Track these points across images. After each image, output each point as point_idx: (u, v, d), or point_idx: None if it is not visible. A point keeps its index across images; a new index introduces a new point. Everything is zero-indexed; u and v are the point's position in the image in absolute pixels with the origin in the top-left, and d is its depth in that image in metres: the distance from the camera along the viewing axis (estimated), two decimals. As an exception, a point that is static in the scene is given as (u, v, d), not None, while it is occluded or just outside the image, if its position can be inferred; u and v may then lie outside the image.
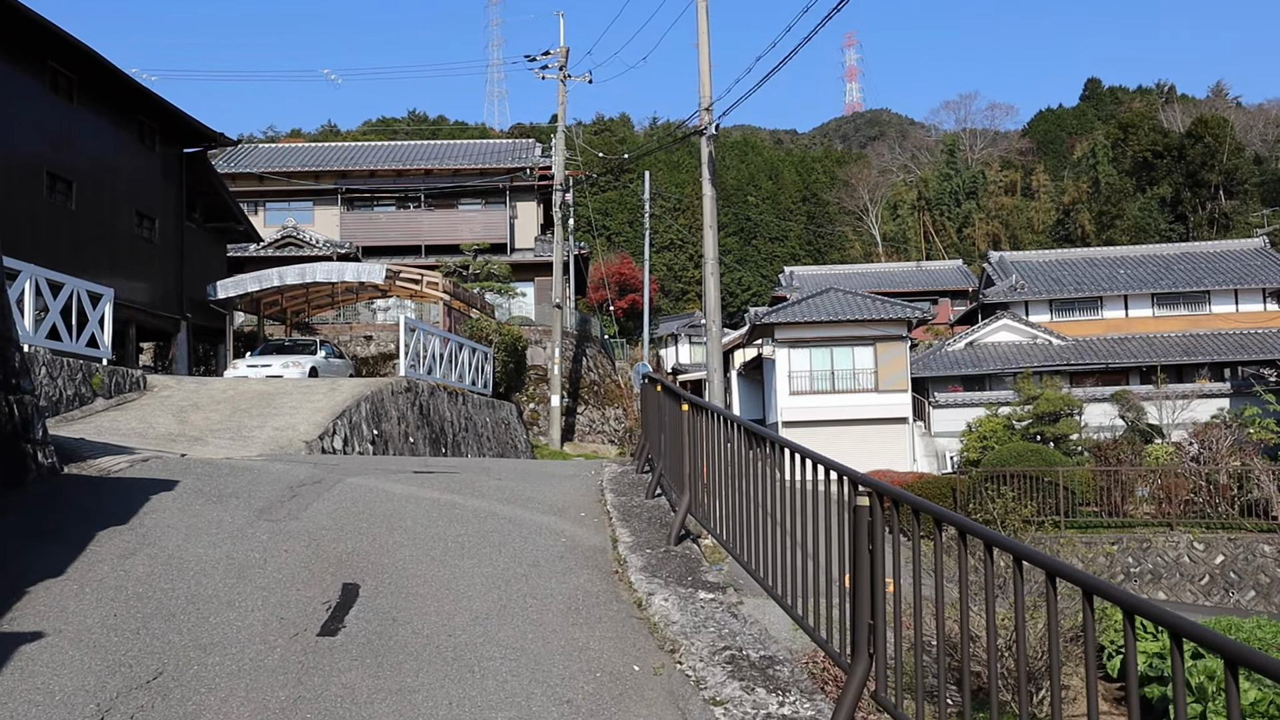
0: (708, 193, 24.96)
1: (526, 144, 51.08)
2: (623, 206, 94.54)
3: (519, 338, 29.97)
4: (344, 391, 17.81)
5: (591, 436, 39.89)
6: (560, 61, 37.37)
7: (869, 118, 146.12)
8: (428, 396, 20.74)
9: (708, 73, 24.90)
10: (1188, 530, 21.52)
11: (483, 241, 42.65)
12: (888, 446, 39.93)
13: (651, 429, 10.16)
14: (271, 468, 10.05)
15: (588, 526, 7.99)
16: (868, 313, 40.76)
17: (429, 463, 12.51)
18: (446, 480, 10.10)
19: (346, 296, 30.53)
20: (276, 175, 45.87)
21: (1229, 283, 47.81)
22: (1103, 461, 24.32)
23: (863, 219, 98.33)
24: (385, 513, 8.12)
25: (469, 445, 22.70)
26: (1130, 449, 24.27)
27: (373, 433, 17.27)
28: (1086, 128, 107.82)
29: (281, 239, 44.32)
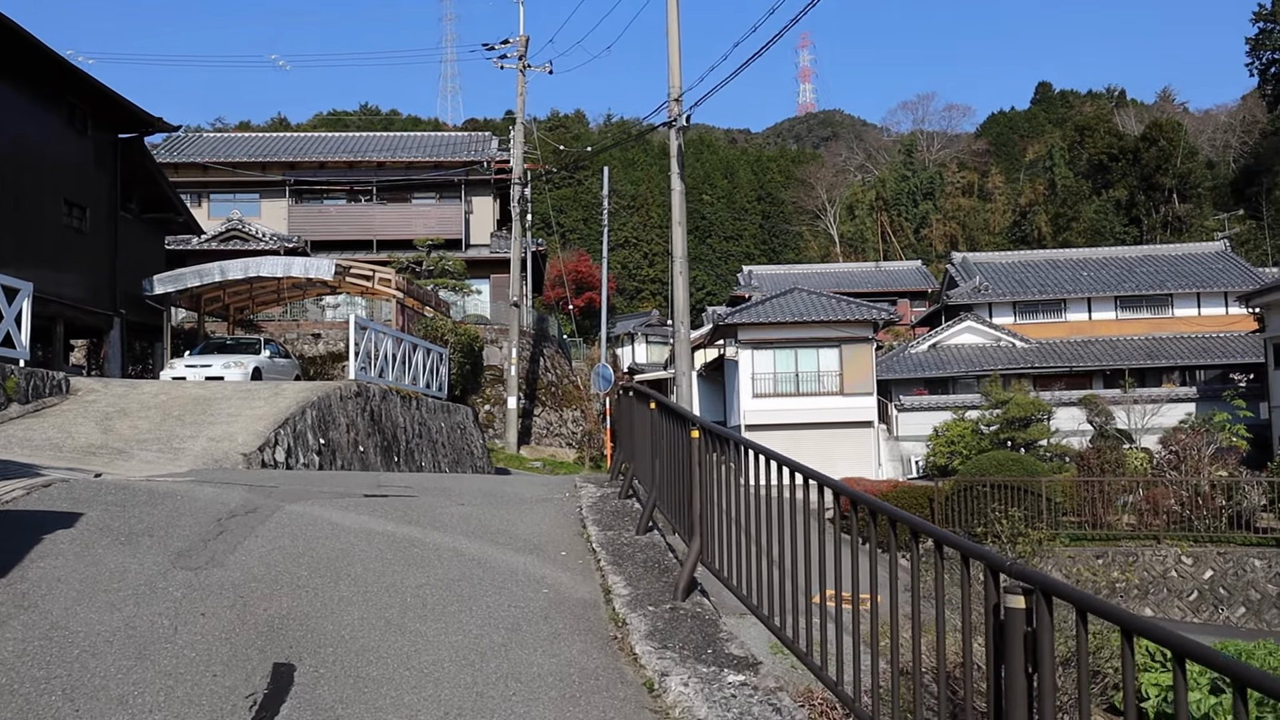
0: (676, 187, 23.76)
1: (482, 137, 49.62)
2: (578, 204, 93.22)
3: (475, 338, 28.62)
4: (288, 397, 16.40)
5: (549, 439, 38.58)
6: (520, 51, 36.01)
7: (822, 118, 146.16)
8: (379, 401, 19.36)
9: (677, 62, 23.70)
10: (1175, 543, 20.69)
11: (437, 237, 41.19)
12: (852, 451, 39.01)
13: (638, 449, 8.93)
14: (199, 492, 8.69)
15: (572, 570, 6.74)
16: (833, 314, 39.81)
17: (382, 481, 11.19)
18: (403, 507, 8.80)
19: (293, 293, 28.98)
20: (222, 166, 44.05)
21: (1191, 286, 47.52)
22: (1085, 470, 23.49)
23: (820, 218, 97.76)
24: (330, 554, 6.82)
25: (423, 453, 21.33)
26: (1113, 456, 23.45)
27: (319, 442, 15.87)
28: (1038, 131, 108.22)
29: (226, 232, 42.53)
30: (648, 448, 8.06)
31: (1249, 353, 43.94)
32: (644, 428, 8.38)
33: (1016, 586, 2.87)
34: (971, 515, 22.08)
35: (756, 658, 5.03)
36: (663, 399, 7.33)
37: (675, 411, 6.83)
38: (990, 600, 3.01)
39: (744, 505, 5.52)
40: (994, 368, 43.78)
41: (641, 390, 8.52)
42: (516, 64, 35.90)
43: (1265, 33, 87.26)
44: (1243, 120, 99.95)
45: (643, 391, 8.32)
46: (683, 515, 6.46)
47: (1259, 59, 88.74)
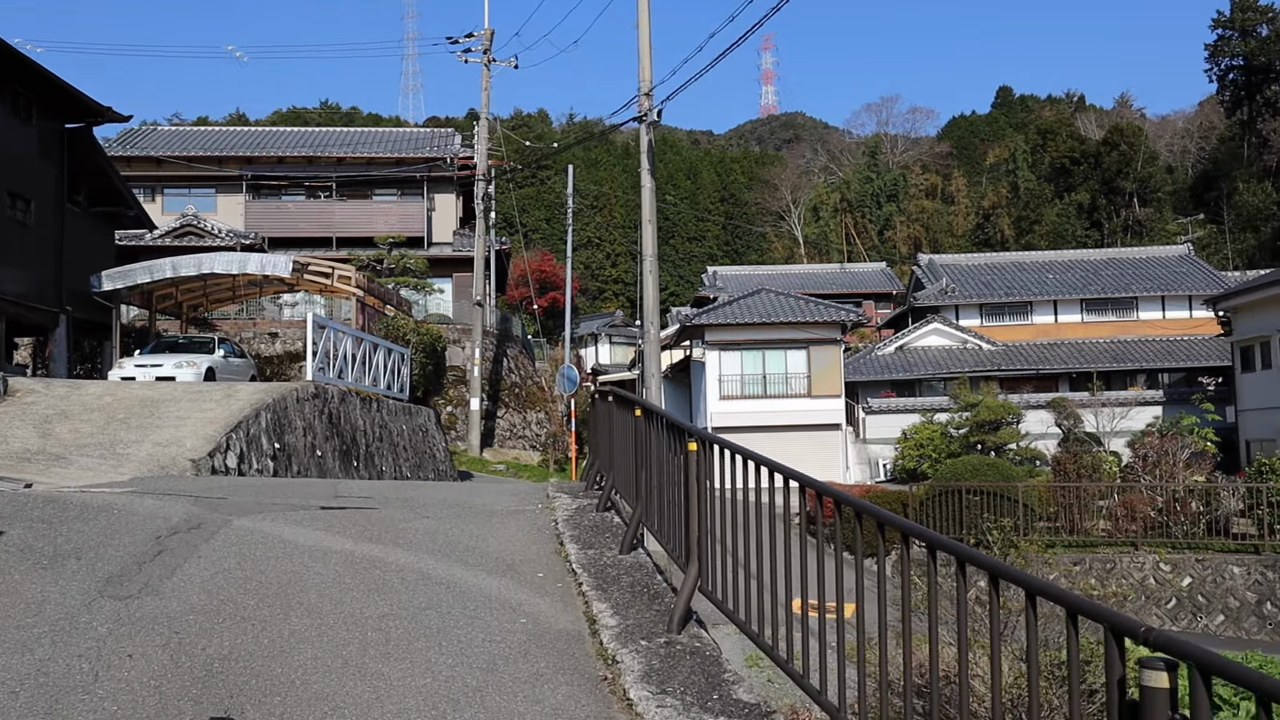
0: (646, 184, 23.15)
1: (446, 133, 48.74)
2: (540, 203, 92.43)
3: (438, 337, 27.85)
4: (241, 398, 15.59)
5: (512, 441, 37.83)
6: (484, 45, 35.23)
7: (784, 120, 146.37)
8: (338, 403, 18.58)
9: (648, 55, 23.07)
10: (1153, 550, 20.33)
11: (398, 234, 40.29)
12: (819, 454, 38.51)
13: (618, 459, 8.29)
14: (139, 505, 7.95)
15: (551, 596, 6.09)
16: (801, 315, 39.33)
17: (340, 490, 10.47)
18: (363, 521, 8.10)
19: (249, 290, 28.05)
20: (177, 160, 42.87)
21: (1156, 289, 47.55)
22: (1061, 475, 23.11)
23: (784, 220, 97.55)
24: (281, 579, 6.12)
25: (384, 457, 20.56)
26: (1089, 461, 23.10)
27: (274, 447, 15.09)
28: (999, 135, 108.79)
29: (181, 228, 41.40)
30: (630, 458, 7.42)
31: (1214, 356, 44.00)
32: (626, 435, 7.74)
33: (1157, 660, 2.25)
34: (947, 521, 21.63)
35: (769, 705, 4.40)
36: (651, 406, 6.69)
37: (668, 420, 6.19)
38: (1114, 672, 2.38)
39: (749, 528, 4.89)
40: (961, 370, 43.53)
41: (623, 395, 7.87)
42: (481, 58, 35.13)
43: (1224, 39, 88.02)
44: (1200, 126, 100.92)
45: (625, 397, 7.68)
46: (676, 536, 5.83)
47: (1218, 65, 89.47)
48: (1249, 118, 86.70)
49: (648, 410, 6.78)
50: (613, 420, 8.58)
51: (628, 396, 7.66)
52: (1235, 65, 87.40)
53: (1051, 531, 22.10)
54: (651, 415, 6.70)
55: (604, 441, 9.62)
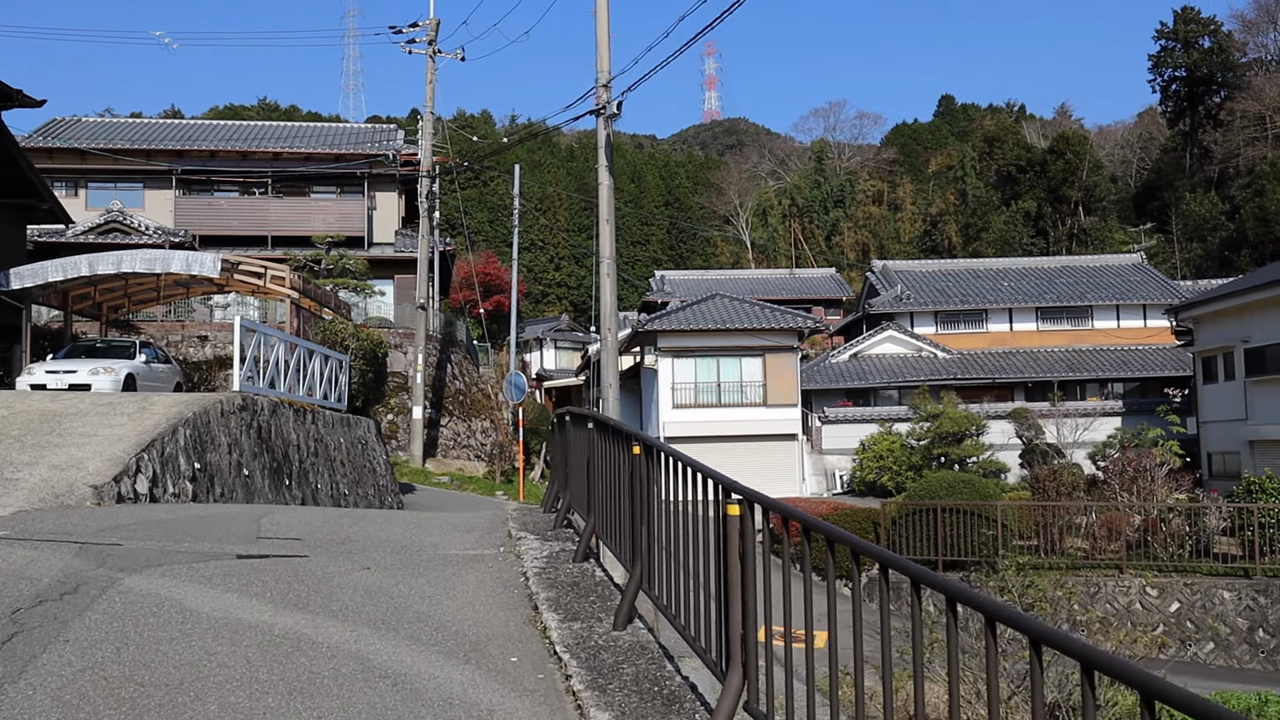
0: (604, 181, 21.73)
1: (388, 129, 46.92)
2: (483, 205, 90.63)
3: (379, 343, 26.16)
4: (158, 412, 13.90)
5: (456, 451, 36.16)
6: (430, 35, 33.59)
7: (727, 126, 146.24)
8: (268, 416, 16.91)
9: (606, 45, 21.66)
10: (1139, 573, 19.31)
11: (337, 234, 38.42)
12: (775, 465, 37.34)
13: (599, 498, 6.85)
14: (4, 558, 6.36)
15: (533, 696, 4.64)
16: (757, 321, 38.14)
17: (264, 525, 8.91)
18: (289, 576, 6.58)
19: (175, 291, 26.15)
20: (102, 152, 40.57)
21: (1110, 298, 47.13)
22: (1039, 492, 22.05)
23: (731, 223, 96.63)
24: (172, 676, 4.60)
25: (319, 473, 18.90)
26: (1069, 479, 22.08)
27: (194, 467, 13.43)
28: (941, 143, 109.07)
29: (106, 224, 39.25)
30: (624, 503, 5.99)
31: (1169, 366, 43.58)
32: (615, 474, 6.31)
33: None
34: (922, 541, 20.46)
35: None
36: (672, 450, 5.24)
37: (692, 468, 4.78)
38: None
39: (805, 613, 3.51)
40: (916, 378, 42.67)
41: (612, 425, 6.43)
42: (426, 49, 33.48)
43: (1167, 50, 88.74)
44: (1140, 136, 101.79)
45: (618, 428, 6.24)
46: (703, 625, 4.40)
47: (1160, 76, 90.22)
48: (1191, 128, 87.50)
49: (657, 451, 5.36)
50: (593, 451, 7.14)
51: (621, 428, 6.22)
52: (1178, 76, 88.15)
53: (1030, 551, 21.01)
54: (656, 454, 5.29)
55: (576, 472, 8.19)
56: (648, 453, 5.47)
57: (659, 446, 5.26)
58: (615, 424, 6.28)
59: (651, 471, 5.44)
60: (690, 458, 4.84)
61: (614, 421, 6.40)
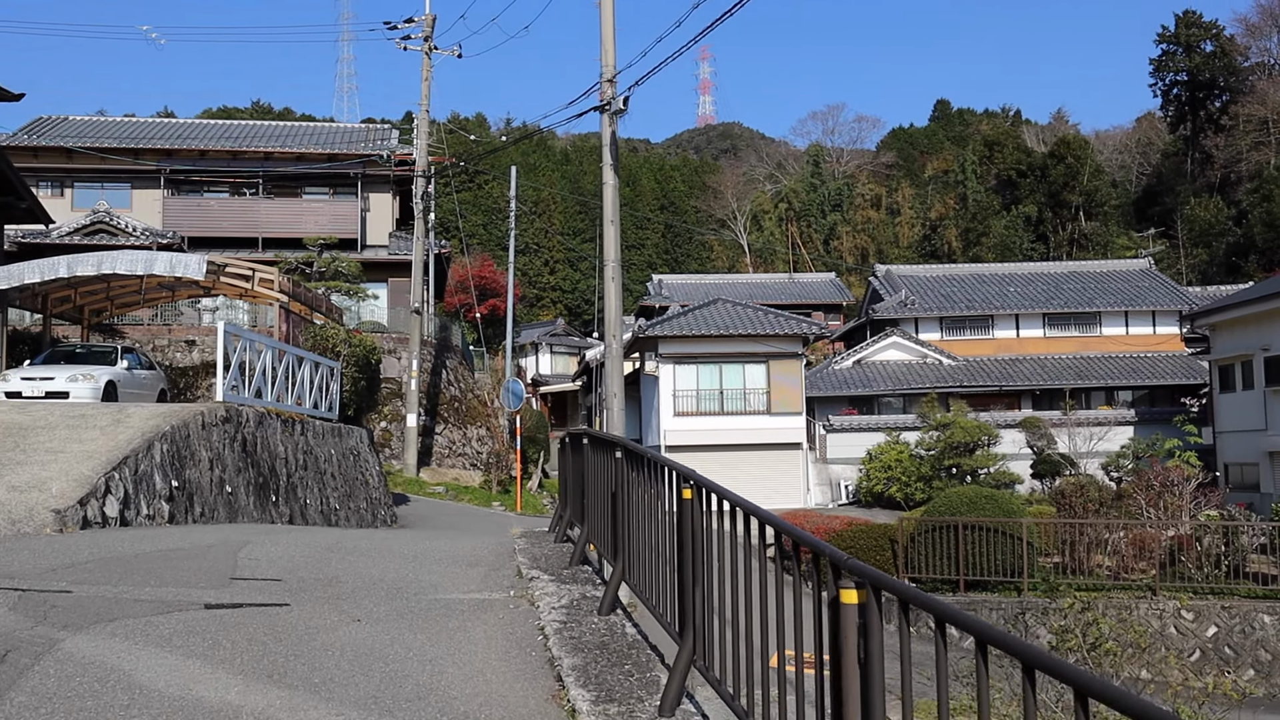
0: (609, 180, 20.74)
1: (382, 130, 45.88)
2: (477, 208, 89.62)
3: (372, 349, 25.13)
4: (133, 425, 12.88)
5: (452, 460, 35.11)
6: (425, 31, 32.59)
7: (721, 130, 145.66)
8: (254, 427, 15.88)
9: (611, 38, 20.68)
10: (1173, 595, 18.34)
11: (330, 236, 37.36)
12: (779, 474, 36.40)
13: (637, 542, 5.84)
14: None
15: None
16: (760, 327, 37.15)
17: (241, 560, 7.90)
18: (263, 635, 5.56)
19: (159, 294, 25.06)
20: (89, 151, 39.45)
21: (1119, 304, 46.21)
22: (1065, 508, 21.08)
23: (728, 227, 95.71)
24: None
25: (308, 487, 17.86)
26: (1096, 495, 21.11)
27: (171, 486, 12.40)
28: (937, 147, 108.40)
29: (91, 225, 38.14)
30: (664, 554, 5.00)
31: (1179, 373, 42.70)
32: (652, 518, 5.32)
33: None
34: (942, 560, 19.47)
35: None
36: (731, 495, 4.24)
37: (773, 525, 3.79)
38: None
39: None
40: (921, 386, 41.73)
41: (649, 458, 5.42)
42: (422, 45, 32.47)
43: (1168, 54, 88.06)
44: (1138, 141, 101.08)
45: (659, 463, 5.23)
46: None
47: (1162, 80, 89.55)
48: (1192, 133, 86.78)
49: (721, 498, 4.36)
50: (620, 485, 6.12)
51: (658, 461, 5.21)
52: (1179, 81, 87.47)
53: (1055, 570, 20.06)
54: (733, 508, 4.29)
55: (598, 506, 7.18)
56: (703, 497, 4.47)
57: (721, 493, 4.26)
58: (654, 458, 5.27)
59: (704, 521, 4.44)
60: (767, 512, 3.84)
61: (651, 454, 5.38)
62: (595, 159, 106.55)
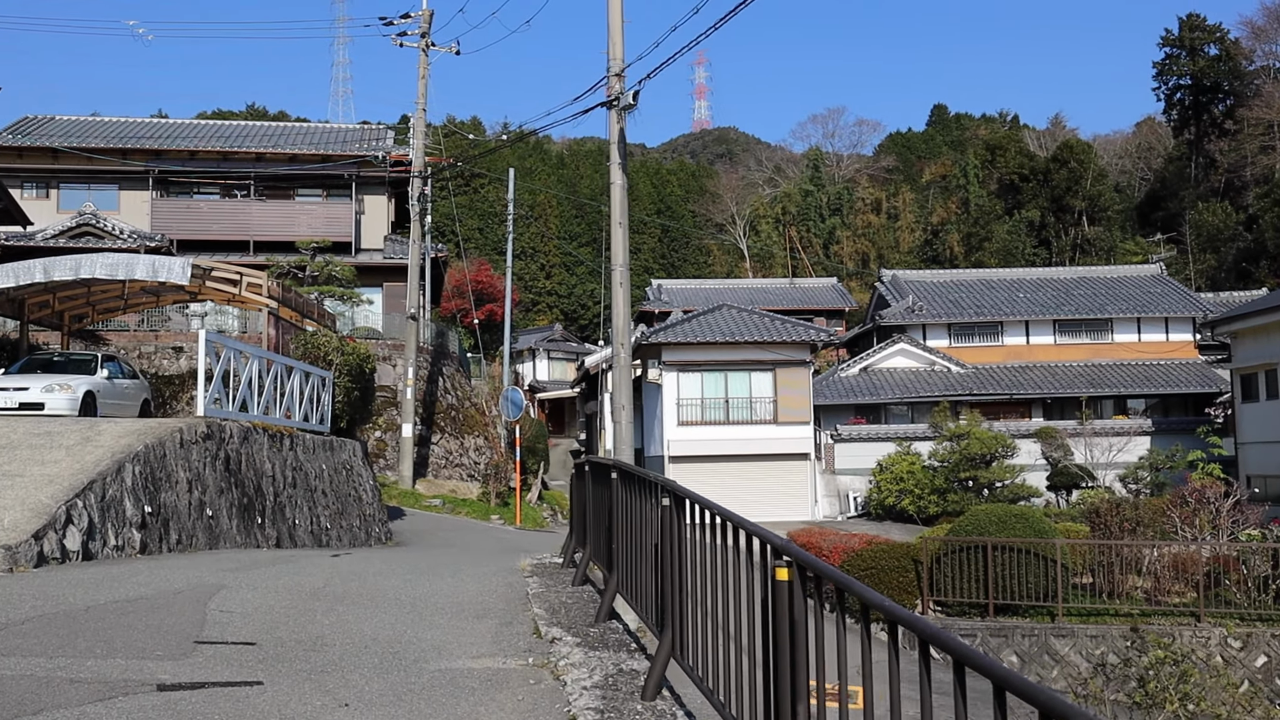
0: (617, 180, 19.63)
1: (377, 131, 44.72)
2: (473, 212, 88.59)
3: (366, 357, 23.97)
4: (103, 444, 11.75)
5: (448, 471, 33.96)
6: (423, 27, 31.48)
7: (717, 135, 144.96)
8: (238, 444, 14.74)
9: (619, 29, 19.58)
10: (1218, 622, 17.24)
11: (323, 239, 36.16)
12: (786, 485, 35.27)
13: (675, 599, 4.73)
14: None
15: None
16: (767, 333, 36.02)
17: (211, 615, 6.76)
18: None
19: (143, 299, 23.91)
20: (75, 151, 38.28)
21: (1130, 310, 45.13)
22: (1100, 528, 19.97)
23: (728, 230, 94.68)
24: None
25: (297, 506, 16.71)
26: (1133, 515, 20.03)
27: (143, 512, 11.25)
28: (934, 152, 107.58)
29: (77, 227, 36.96)
30: (744, 642, 3.87)
31: (1194, 382, 41.63)
32: (725, 590, 4.20)
33: None
34: (969, 583, 18.35)
35: None
36: (855, 585, 3.11)
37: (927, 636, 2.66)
38: None
39: None
40: (930, 394, 40.65)
41: (717, 512, 4.31)
42: (419, 42, 31.36)
43: (1172, 58, 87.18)
44: (1139, 146, 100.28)
45: (736, 523, 4.11)
46: None
47: (1165, 84, 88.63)
48: (1196, 137, 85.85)
49: (838, 585, 3.24)
50: (670, 539, 4.99)
51: (733, 520, 4.10)
52: (1183, 85, 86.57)
53: (1088, 592, 18.95)
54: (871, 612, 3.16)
55: (632, 553, 6.06)
56: (801, 575, 3.34)
57: (841, 580, 3.14)
58: (726, 514, 4.14)
59: (804, 605, 3.32)
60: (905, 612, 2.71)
61: (721, 510, 4.26)
62: (592, 163, 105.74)
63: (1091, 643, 17.47)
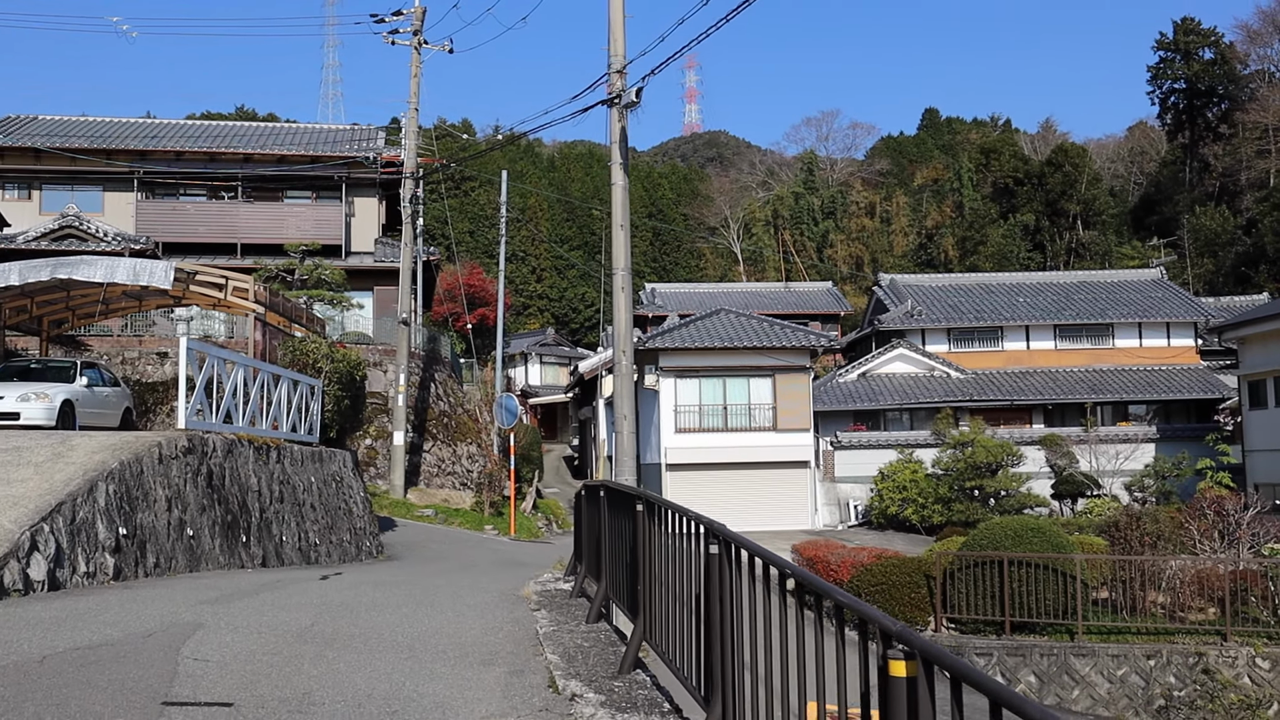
0: (618, 180, 18.91)
1: (368, 131, 43.88)
2: (463, 215, 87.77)
3: (357, 364, 23.18)
4: (75, 461, 10.96)
5: (441, 479, 33.16)
6: (415, 25, 30.71)
7: (707, 139, 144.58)
8: (222, 457, 13.95)
9: (621, 24, 18.87)
10: (1246, 641, 16.57)
11: (312, 242, 35.32)
12: (786, 494, 34.56)
13: (726, 660, 3.99)
14: None
15: None
16: (766, 339, 35.32)
17: (184, 665, 5.99)
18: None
19: (125, 303, 23.09)
20: (59, 152, 37.39)
21: (1132, 315, 44.55)
22: (1119, 542, 19.28)
23: (722, 233, 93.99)
24: None
25: (284, 522, 15.92)
26: (1153, 529, 19.35)
27: (118, 535, 10.46)
28: (926, 156, 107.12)
29: (59, 229, 36.08)
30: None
31: (1196, 388, 41.09)
32: (796, 659, 3.46)
33: None
34: (984, 599, 17.65)
35: None
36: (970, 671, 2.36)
37: None
38: None
39: None
40: (930, 400, 40.01)
41: (791, 574, 3.58)
42: (411, 40, 30.59)
43: (1166, 62, 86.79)
44: (1131, 150, 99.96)
45: (825, 596, 3.38)
46: None
47: (1159, 87, 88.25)
48: (1191, 141, 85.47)
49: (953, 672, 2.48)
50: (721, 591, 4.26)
51: (817, 588, 3.36)
52: (1178, 89, 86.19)
53: (1107, 609, 18.26)
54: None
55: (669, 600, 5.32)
56: (925, 672, 2.61)
57: (947, 660, 2.40)
58: (804, 576, 3.42)
59: (930, 705, 2.59)
60: None
61: (799, 572, 3.53)
62: (583, 166, 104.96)
63: (1113, 662, 16.78)
